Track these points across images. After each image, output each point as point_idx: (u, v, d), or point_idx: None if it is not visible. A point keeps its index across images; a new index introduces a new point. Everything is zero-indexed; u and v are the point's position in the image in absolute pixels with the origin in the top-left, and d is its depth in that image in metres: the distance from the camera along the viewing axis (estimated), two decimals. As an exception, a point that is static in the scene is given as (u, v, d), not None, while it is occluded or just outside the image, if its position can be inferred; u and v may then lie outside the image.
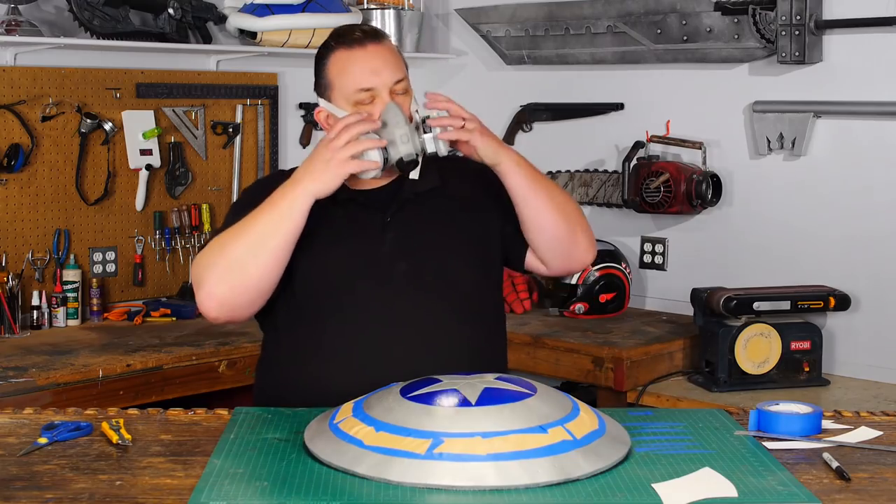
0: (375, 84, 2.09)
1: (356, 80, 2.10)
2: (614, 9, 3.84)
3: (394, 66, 2.12)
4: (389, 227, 2.15)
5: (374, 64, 2.10)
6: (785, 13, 3.37)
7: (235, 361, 3.24)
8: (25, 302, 3.47)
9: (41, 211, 3.56)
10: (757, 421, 1.93)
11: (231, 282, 2.04)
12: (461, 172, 2.26)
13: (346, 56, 2.11)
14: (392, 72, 2.11)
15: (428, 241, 2.16)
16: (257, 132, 4.05)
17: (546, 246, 2.20)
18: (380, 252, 2.13)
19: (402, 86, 2.13)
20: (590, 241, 2.24)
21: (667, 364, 3.41)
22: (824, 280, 3.39)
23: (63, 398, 2.87)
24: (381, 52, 2.13)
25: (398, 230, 2.15)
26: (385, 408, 1.76)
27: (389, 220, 2.15)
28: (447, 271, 2.15)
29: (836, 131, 3.44)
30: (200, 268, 2.07)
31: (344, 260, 2.13)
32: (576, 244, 2.21)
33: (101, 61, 3.68)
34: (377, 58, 2.11)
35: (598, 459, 1.70)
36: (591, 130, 4.09)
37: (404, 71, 2.15)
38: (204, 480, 1.65)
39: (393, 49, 2.16)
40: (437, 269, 2.15)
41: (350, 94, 2.10)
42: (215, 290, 2.04)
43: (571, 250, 2.21)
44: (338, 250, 2.13)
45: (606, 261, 3.79)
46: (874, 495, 1.64)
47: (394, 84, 2.11)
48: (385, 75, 2.10)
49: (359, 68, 2.10)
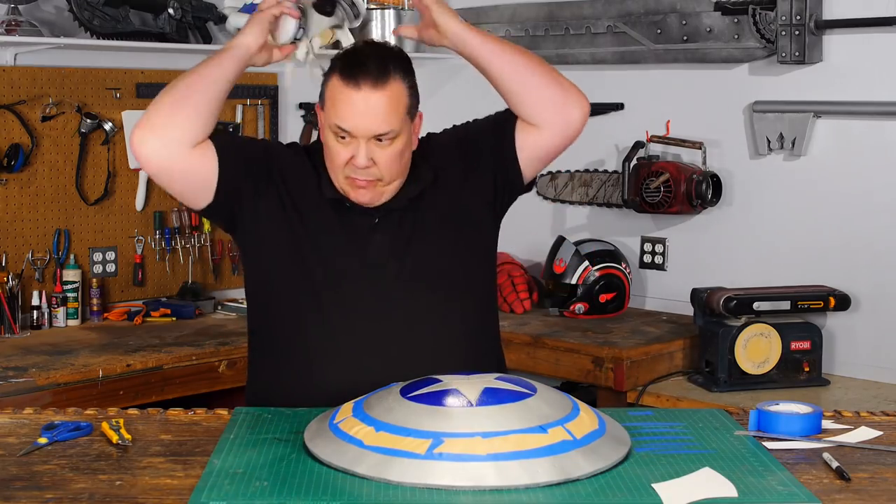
0: (352, 130, 2.03)
1: (338, 114, 2.04)
2: (614, 9, 3.84)
3: (380, 118, 2.02)
4: (378, 228, 2.14)
5: (360, 109, 2.02)
6: (785, 13, 3.37)
7: (235, 361, 3.24)
8: (25, 302, 3.47)
9: (41, 211, 3.56)
10: (757, 421, 1.93)
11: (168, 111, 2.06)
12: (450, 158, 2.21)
13: (341, 88, 2.04)
14: (374, 125, 2.02)
15: (418, 238, 2.15)
16: (257, 132, 4.04)
17: (534, 99, 2.12)
18: (368, 253, 2.12)
19: (387, 137, 2.04)
20: (577, 88, 2.17)
21: (667, 364, 3.41)
22: (824, 280, 3.39)
23: (63, 398, 2.87)
24: (373, 99, 2.02)
25: (387, 230, 2.14)
26: (385, 408, 1.76)
27: (378, 222, 2.14)
28: (437, 269, 2.15)
29: (836, 131, 3.44)
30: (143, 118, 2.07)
31: (333, 260, 2.12)
32: (564, 88, 2.14)
33: (101, 61, 3.68)
34: (364, 104, 2.02)
35: (598, 459, 1.70)
36: (591, 130, 4.03)
37: (394, 123, 2.04)
38: (204, 480, 1.65)
39: (393, 94, 2.04)
40: (427, 268, 2.14)
41: (331, 123, 2.07)
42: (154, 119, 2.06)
43: (564, 96, 2.14)
44: (326, 252, 2.12)
45: (606, 261, 3.79)
46: (874, 495, 1.64)
47: (374, 134, 2.03)
48: (363, 127, 2.02)
49: (343, 108, 2.03)
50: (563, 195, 4.11)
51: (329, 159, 2.11)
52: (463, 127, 2.27)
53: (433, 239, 2.16)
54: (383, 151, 2.05)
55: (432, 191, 2.18)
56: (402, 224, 2.15)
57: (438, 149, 2.22)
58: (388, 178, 2.09)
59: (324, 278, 2.11)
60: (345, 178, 2.09)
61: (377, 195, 2.10)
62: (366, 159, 2.04)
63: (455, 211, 2.19)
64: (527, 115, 2.15)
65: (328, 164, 2.12)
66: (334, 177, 2.11)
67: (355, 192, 2.10)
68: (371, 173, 2.06)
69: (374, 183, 2.08)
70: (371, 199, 2.11)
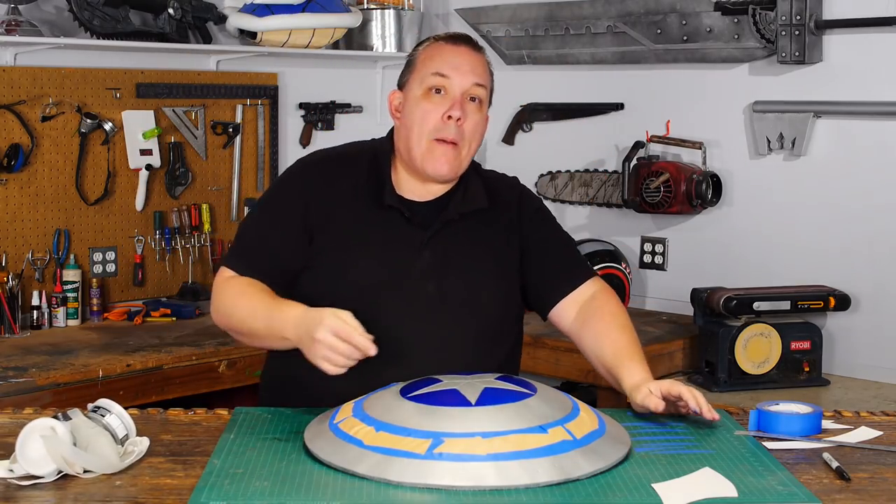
0: (452, 76, 2.13)
1: (437, 64, 2.14)
2: (614, 9, 3.84)
3: (478, 70, 2.16)
4: (427, 246, 2.14)
5: (459, 60, 2.15)
6: (785, 13, 3.37)
7: (235, 361, 3.24)
8: (25, 302, 3.47)
9: (41, 211, 3.56)
10: (757, 421, 1.93)
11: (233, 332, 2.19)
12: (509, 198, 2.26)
13: (440, 46, 2.18)
14: (473, 75, 2.14)
15: (461, 263, 2.15)
16: (257, 132, 4.05)
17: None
18: (412, 269, 2.12)
19: (480, 93, 2.16)
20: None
21: (667, 364, 3.41)
22: (824, 280, 3.39)
23: (63, 398, 2.87)
24: (472, 56, 2.17)
25: (434, 249, 2.14)
26: (385, 408, 1.76)
27: (429, 239, 2.15)
28: (474, 297, 2.14)
29: (836, 131, 3.44)
30: (217, 299, 2.17)
31: (375, 271, 2.11)
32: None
33: (101, 61, 3.68)
34: (465, 58, 2.16)
35: (598, 459, 1.70)
36: (591, 130, 4.09)
37: (486, 80, 2.18)
38: (204, 480, 1.65)
39: (484, 61, 2.20)
40: (465, 294, 2.14)
41: (426, 75, 2.13)
42: (219, 322, 2.19)
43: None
44: (370, 262, 2.11)
45: (606, 261, 3.79)
46: (874, 495, 1.64)
47: (471, 86, 2.14)
48: (464, 73, 2.13)
49: (445, 58, 2.15)
50: (563, 195, 4.11)
51: (414, 127, 2.13)
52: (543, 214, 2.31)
53: (474, 266, 2.16)
54: (472, 114, 2.14)
55: (482, 217, 2.20)
56: (449, 245, 2.15)
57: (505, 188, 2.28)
58: (469, 145, 2.15)
59: (364, 288, 2.10)
60: (430, 141, 2.12)
61: (456, 165, 2.14)
62: (460, 110, 2.11)
63: (499, 244, 2.21)
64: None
65: (409, 137, 2.14)
66: (416, 145, 2.13)
67: (436, 162, 2.12)
68: (460, 132, 2.12)
69: (458, 148, 2.13)
70: (450, 171, 2.14)
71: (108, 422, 1.76)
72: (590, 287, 2.24)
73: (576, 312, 2.21)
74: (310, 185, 2.18)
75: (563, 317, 2.24)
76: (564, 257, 2.28)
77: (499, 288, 2.19)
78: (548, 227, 2.30)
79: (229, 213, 3.99)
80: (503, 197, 2.26)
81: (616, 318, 2.18)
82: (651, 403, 1.95)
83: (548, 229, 2.29)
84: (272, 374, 2.26)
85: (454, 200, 2.18)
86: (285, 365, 2.17)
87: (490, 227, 2.21)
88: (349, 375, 2.04)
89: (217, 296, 2.16)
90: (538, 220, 2.28)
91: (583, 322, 2.20)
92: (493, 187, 2.25)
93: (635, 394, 2.00)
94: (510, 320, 2.23)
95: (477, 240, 2.19)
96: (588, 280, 2.25)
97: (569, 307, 2.23)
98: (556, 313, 2.25)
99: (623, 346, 2.12)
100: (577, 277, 2.25)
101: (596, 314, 2.19)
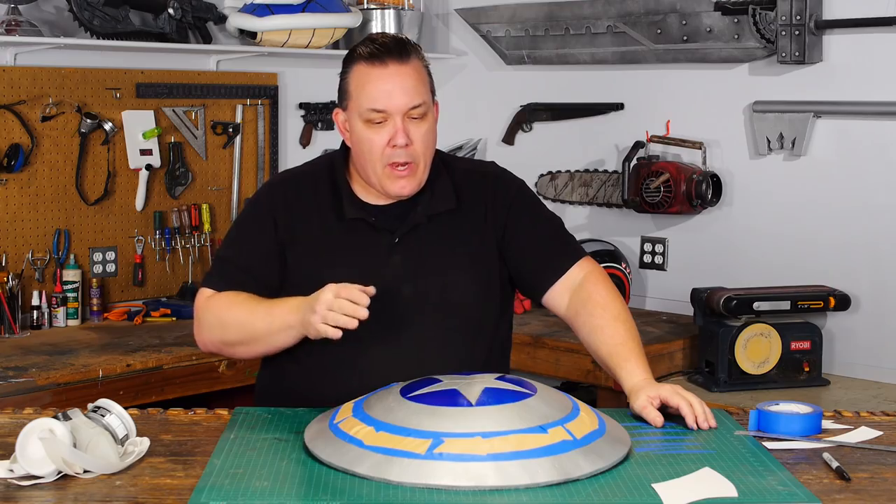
0: (387, 107, 2.07)
1: (370, 99, 2.07)
2: (614, 9, 3.84)
3: (411, 90, 2.07)
4: (397, 249, 2.14)
5: (390, 87, 2.06)
6: (785, 13, 3.37)
7: (235, 361, 3.24)
8: (25, 302, 3.47)
9: (41, 211, 3.56)
10: (757, 421, 1.93)
11: (222, 347, 2.19)
12: (479, 193, 2.22)
13: (366, 72, 2.08)
14: (407, 97, 2.07)
15: (435, 264, 2.14)
16: (257, 132, 4.05)
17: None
18: (385, 274, 2.11)
19: (420, 111, 2.08)
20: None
21: (667, 364, 3.41)
22: (824, 280, 3.39)
23: (63, 398, 2.87)
24: (401, 73, 2.07)
25: (405, 252, 2.14)
26: (385, 408, 1.76)
27: (398, 242, 2.14)
28: (452, 295, 2.14)
29: (836, 131, 3.44)
30: (202, 319, 2.16)
31: (348, 280, 2.11)
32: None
33: (101, 61, 3.68)
34: (395, 81, 2.07)
35: (598, 459, 1.70)
36: (591, 130, 4.09)
37: (424, 95, 2.09)
38: (204, 480, 1.65)
39: (418, 69, 2.10)
40: (443, 293, 2.13)
41: (363, 111, 2.08)
42: (208, 343, 2.18)
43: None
44: (343, 269, 2.09)
45: (606, 261, 3.79)
46: (874, 495, 1.64)
47: (409, 109, 2.08)
48: (398, 100, 2.06)
49: (374, 87, 2.07)
50: (563, 195, 4.11)
51: (364, 154, 2.11)
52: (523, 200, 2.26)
53: (447, 266, 2.15)
54: (418, 129, 2.09)
55: (452, 216, 2.18)
56: (419, 247, 2.14)
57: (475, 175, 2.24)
58: (424, 159, 2.11)
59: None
60: (384, 167, 2.09)
61: (416, 183, 2.12)
62: (404, 136, 2.07)
63: (472, 242, 2.19)
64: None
65: (362, 161, 2.12)
66: (372, 171, 2.10)
67: (395, 184, 2.10)
68: (410, 154, 2.08)
69: (413, 168, 2.10)
70: (412, 189, 2.12)
71: (108, 422, 1.76)
72: (578, 271, 2.20)
73: (568, 300, 2.19)
74: (276, 204, 2.18)
75: (555, 305, 2.22)
76: (550, 242, 2.23)
77: (476, 285, 2.17)
78: (529, 212, 2.24)
79: (229, 213, 3.99)
80: (476, 191, 2.22)
81: (608, 309, 2.14)
82: (649, 417, 1.96)
83: (529, 215, 2.24)
84: (264, 384, 2.27)
85: (421, 203, 2.16)
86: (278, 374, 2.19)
87: (461, 225, 2.19)
88: (337, 382, 2.05)
89: (203, 314, 2.15)
90: (518, 207, 2.22)
91: (575, 313, 2.17)
92: (464, 183, 2.21)
93: (634, 398, 2.00)
94: (492, 316, 2.22)
95: (448, 239, 2.17)
96: (576, 263, 2.21)
97: (560, 294, 2.20)
98: (549, 301, 2.23)
99: (618, 344, 2.10)
100: (564, 262, 2.21)
101: (586, 306, 2.15)
